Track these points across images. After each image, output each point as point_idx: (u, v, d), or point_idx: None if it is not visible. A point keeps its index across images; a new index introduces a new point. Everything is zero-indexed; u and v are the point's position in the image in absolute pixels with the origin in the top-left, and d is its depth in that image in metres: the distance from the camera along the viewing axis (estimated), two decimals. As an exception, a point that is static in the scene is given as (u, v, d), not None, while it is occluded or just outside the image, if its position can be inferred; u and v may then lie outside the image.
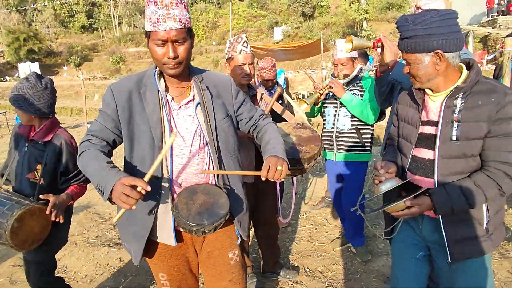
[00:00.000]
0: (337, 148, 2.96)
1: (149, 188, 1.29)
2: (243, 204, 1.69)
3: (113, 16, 42.66)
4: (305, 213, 4.19)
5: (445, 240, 1.49)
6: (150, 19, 1.37)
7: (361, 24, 29.34)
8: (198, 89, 1.56)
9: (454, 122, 1.44)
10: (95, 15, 43.52)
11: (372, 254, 3.16)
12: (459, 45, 1.40)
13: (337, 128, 2.93)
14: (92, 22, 43.44)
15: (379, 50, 2.09)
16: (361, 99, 2.85)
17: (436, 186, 1.48)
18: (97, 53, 38.98)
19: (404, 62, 1.55)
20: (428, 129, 1.52)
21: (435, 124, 1.49)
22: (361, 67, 2.98)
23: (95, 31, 43.51)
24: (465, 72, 1.49)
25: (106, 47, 39.64)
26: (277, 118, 2.60)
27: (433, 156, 1.49)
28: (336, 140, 2.96)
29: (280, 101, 3.06)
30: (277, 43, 30.64)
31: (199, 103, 1.55)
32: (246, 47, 2.38)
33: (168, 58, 1.40)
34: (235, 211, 1.64)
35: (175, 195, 1.51)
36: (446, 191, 1.42)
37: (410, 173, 1.59)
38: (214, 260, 1.71)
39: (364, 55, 4.52)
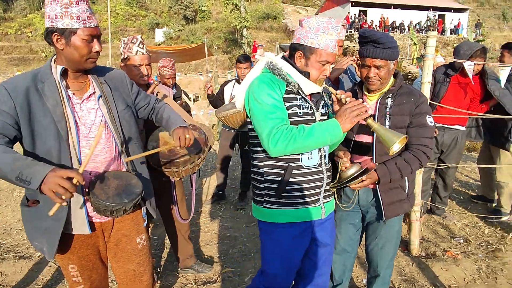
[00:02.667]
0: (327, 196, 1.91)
1: (83, 182, 1.38)
2: (150, 185, 1.88)
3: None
4: (200, 208, 4.43)
5: (381, 203, 2.01)
6: (78, 17, 1.49)
7: (241, 32, 30.81)
8: (97, 83, 1.68)
9: (387, 115, 1.96)
10: None
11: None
12: None
13: (325, 163, 1.85)
14: None
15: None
16: None
17: (374, 162, 1.97)
18: None
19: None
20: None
21: (372, 116, 1.98)
22: None
23: None
24: (392, 78, 2.02)
25: None
26: None
27: (371, 140, 1.99)
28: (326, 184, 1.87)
29: (178, 101, 3.22)
30: (159, 45, 30.03)
31: (101, 96, 1.67)
32: (142, 48, 2.44)
33: (95, 52, 1.56)
34: (144, 192, 1.78)
35: (85, 186, 1.60)
36: (387, 167, 1.91)
37: (353, 154, 2.04)
38: (123, 247, 1.82)
39: None
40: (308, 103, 1.76)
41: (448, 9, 34.46)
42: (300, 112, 1.72)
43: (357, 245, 2.28)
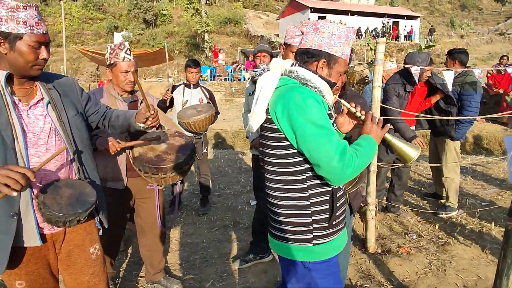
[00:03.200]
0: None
1: (34, 179, 1.34)
2: (102, 194, 1.83)
3: None
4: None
5: (348, 198, 2.12)
6: (25, 22, 1.44)
7: (203, 36, 30.69)
8: (44, 89, 1.63)
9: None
10: None
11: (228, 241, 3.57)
12: None
13: None
14: None
15: None
16: None
17: None
18: None
19: None
20: None
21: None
22: None
23: None
24: None
25: None
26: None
27: None
28: None
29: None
30: (119, 49, 29.17)
31: (49, 102, 1.61)
32: (129, 55, 2.41)
33: (42, 59, 1.52)
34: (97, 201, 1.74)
35: (34, 194, 1.53)
36: None
37: None
38: (75, 258, 1.75)
39: None
40: (333, 117, 1.59)
41: (402, 16, 36.27)
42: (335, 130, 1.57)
43: None
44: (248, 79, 4.47)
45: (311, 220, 1.52)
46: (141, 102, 2.56)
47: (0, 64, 1.51)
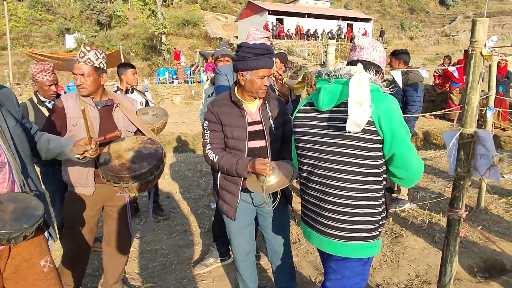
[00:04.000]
0: None
1: None
2: (48, 205, 1.75)
3: None
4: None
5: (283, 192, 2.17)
6: None
7: (160, 38, 30.09)
8: None
9: (270, 119, 2.12)
10: None
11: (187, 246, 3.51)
12: None
13: None
14: None
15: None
16: None
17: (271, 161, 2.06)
18: None
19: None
20: (254, 127, 2.09)
21: (259, 122, 2.09)
22: None
23: None
24: None
25: None
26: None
27: (264, 143, 2.11)
28: None
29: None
30: (71, 51, 27.96)
31: None
32: (82, 57, 2.27)
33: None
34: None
35: None
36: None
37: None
38: (24, 273, 1.64)
39: None
40: None
41: (355, 19, 37.62)
42: None
43: (254, 242, 2.40)
44: (207, 80, 4.43)
45: (380, 218, 1.63)
46: (116, 106, 2.46)
47: None
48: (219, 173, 2.18)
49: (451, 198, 1.79)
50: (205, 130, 2.12)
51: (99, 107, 2.37)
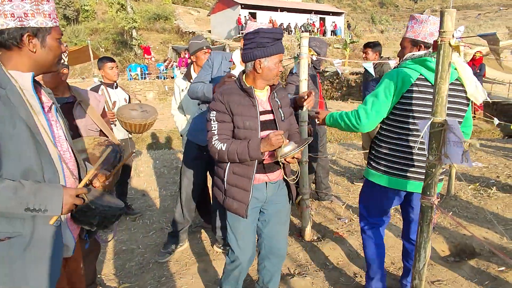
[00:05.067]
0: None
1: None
2: None
3: None
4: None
5: (287, 187, 2.24)
6: (49, 15, 1.37)
7: (130, 33, 29.34)
8: (46, 92, 1.56)
9: (280, 108, 2.09)
10: None
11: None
12: None
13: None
14: None
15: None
16: None
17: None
18: None
19: None
20: (265, 117, 2.04)
21: (270, 112, 2.05)
22: None
23: None
24: None
25: None
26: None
27: (272, 117, 2.06)
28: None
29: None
30: (36, 47, 26.81)
31: (56, 107, 1.58)
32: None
33: (63, 52, 1.47)
34: None
35: None
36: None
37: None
38: (70, 274, 1.68)
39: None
40: None
41: (327, 13, 37.98)
42: None
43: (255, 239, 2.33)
44: (182, 74, 4.34)
45: None
46: (78, 104, 2.36)
47: (10, 64, 1.34)
48: (227, 168, 2.04)
49: (423, 186, 1.83)
50: (212, 121, 1.99)
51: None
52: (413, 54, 2.21)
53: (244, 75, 2.07)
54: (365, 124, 2.18)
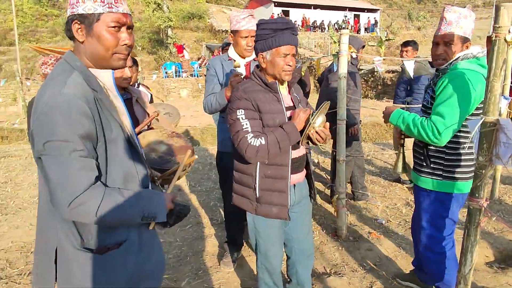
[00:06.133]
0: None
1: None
2: None
3: None
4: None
5: (310, 187, 2.17)
6: (102, 0, 1.18)
7: (166, 31, 30.01)
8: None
9: (299, 103, 2.04)
10: None
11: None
12: None
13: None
14: None
15: None
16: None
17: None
18: None
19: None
20: (289, 113, 1.94)
21: (292, 107, 1.99)
22: None
23: None
24: None
25: None
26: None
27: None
28: None
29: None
30: (77, 46, 27.97)
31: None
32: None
33: (124, 45, 1.23)
34: None
35: None
36: None
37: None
38: None
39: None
40: None
41: (362, 9, 37.17)
42: None
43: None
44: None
45: None
46: (136, 100, 2.37)
47: (80, 58, 1.24)
48: (257, 173, 1.94)
49: (472, 187, 1.76)
50: (240, 119, 1.84)
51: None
52: (470, 53, 2.05)
53: (259, 70, 1.97)
54: (444, 140, 2.02)
